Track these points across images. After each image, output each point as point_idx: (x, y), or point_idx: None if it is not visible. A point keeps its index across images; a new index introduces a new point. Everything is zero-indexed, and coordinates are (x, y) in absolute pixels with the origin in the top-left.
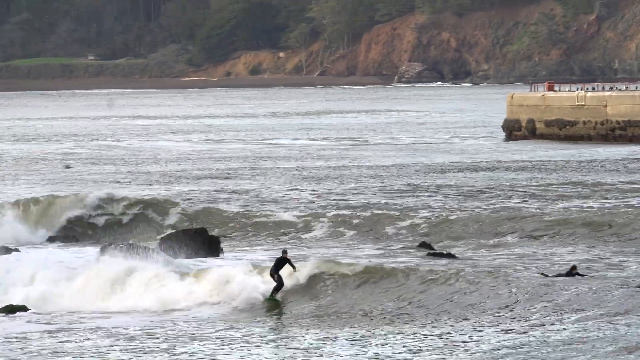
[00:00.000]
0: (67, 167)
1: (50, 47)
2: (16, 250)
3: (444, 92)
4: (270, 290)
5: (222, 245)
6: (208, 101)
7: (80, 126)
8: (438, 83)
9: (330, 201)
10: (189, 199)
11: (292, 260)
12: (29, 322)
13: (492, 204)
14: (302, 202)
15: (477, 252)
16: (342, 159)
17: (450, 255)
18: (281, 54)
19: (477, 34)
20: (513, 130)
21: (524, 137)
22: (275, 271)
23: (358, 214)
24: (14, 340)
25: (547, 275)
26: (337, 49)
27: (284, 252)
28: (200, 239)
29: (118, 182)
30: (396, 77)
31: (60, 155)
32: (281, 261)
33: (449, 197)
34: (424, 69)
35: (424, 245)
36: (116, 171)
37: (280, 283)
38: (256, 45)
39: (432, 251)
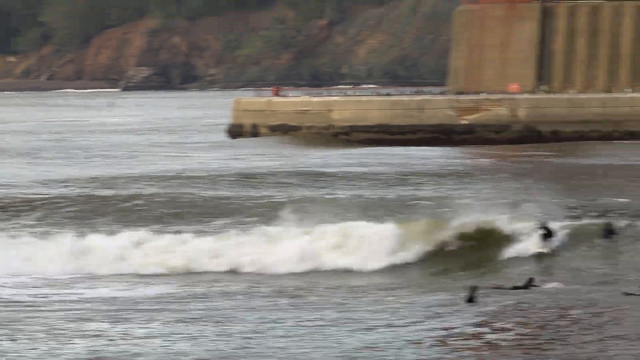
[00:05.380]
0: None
1: None
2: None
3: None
4: None
5: None
6: None
7: None
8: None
9: None
10: None
11: None
12: None
13: None
14: None
15: None
16: None
17: None
18: (12, 58)
19: (209, 38)
20: (237, 135)
21: None
22: None
23: None
24: None
25: None
26: (66, 52)
27: None
28: None
29: None
30: (123, 82)
31: None
32: None
33: None
34: (153, 74)
35: None
36: None
37: None
38: None
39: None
